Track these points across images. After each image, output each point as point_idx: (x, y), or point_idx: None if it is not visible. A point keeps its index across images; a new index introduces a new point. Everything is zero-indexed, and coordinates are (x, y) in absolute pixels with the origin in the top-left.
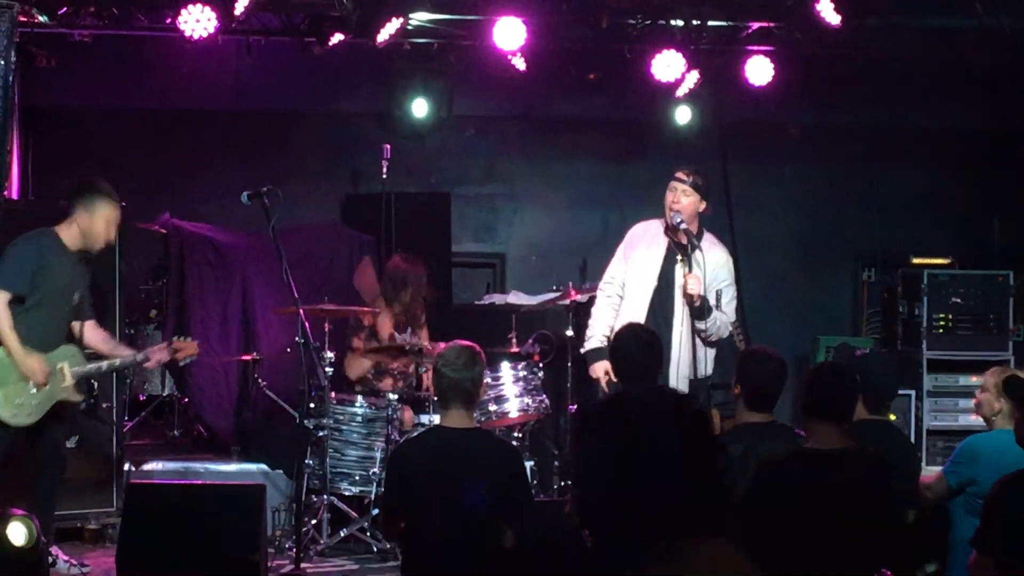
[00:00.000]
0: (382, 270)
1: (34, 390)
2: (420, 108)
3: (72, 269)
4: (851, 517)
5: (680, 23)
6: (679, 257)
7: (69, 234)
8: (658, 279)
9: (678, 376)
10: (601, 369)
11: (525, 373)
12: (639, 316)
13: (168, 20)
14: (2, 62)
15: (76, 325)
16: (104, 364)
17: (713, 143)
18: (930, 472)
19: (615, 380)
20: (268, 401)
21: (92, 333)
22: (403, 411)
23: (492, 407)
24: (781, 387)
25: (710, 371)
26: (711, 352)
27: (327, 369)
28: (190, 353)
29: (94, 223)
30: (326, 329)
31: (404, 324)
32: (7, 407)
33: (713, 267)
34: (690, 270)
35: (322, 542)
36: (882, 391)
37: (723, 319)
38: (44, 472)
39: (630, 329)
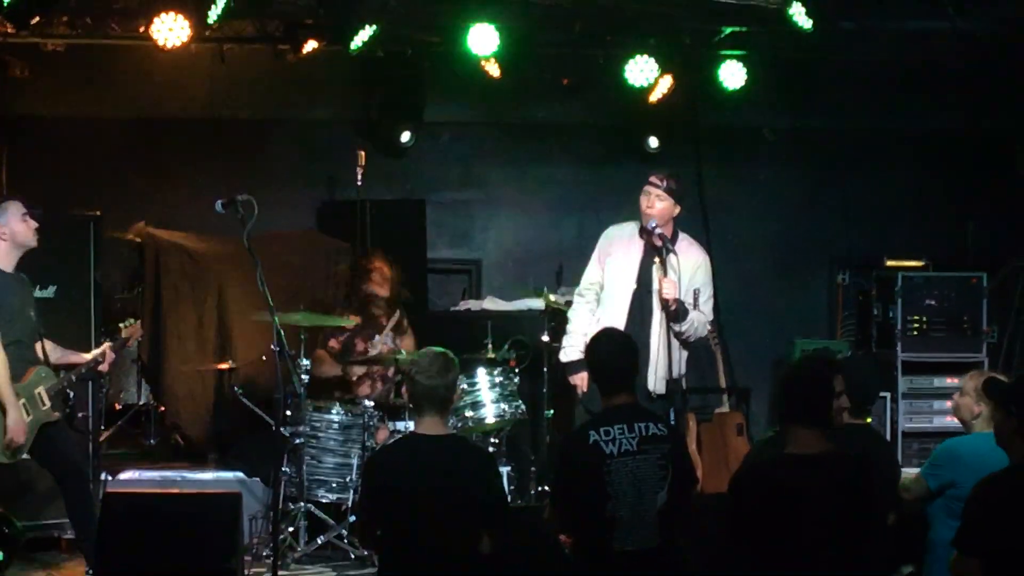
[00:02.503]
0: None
1: None
2: (394, 115)
3: (21, 291)
4: (835, 521)
5: (653, 28)
6: (655, 260)
7: (2, 257)
8: (637, 282)
9: (656, 377)
10: (579, 379)
11: (501, 379)
12: (619, 320)
13: (141, 29)
14: None
15: (39, 346)
16: (73, 375)
17: (688, 147)
18: (907, 474)
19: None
20: (244, 409)
21: (46, 348)
22: (379, 430)
23: (468, 413)
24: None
25: (683, 371)
26: (685, 353)
27: (303, 377)
28: (138, 335)
29: (13, 226)
30: (301, 337)
31: (383, 326)
32: None
33: (690, 269)
34: (665, 274)
35: (299, 549)
36: (865, 394)
37: (700, 319)
38: (67, 491)
39: (605, 333)
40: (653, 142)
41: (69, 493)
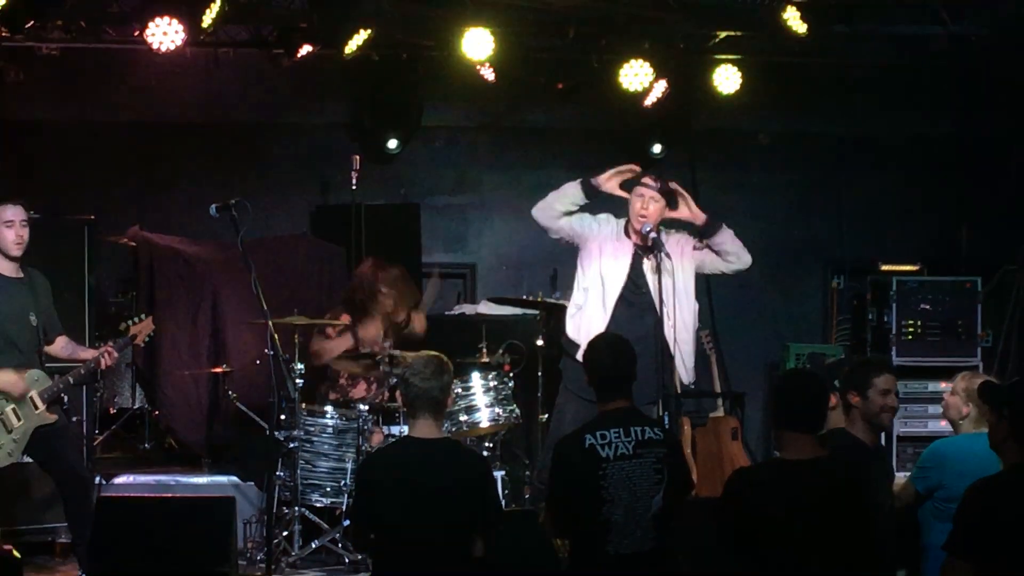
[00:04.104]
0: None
1: (10, 431)
2: (388, 120)
3: (17, 295)
4: (827, 527)
5: (647, 32)
6: (646, 261)
7: None
8: (624, 288)
9: (686, 368)
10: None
11: (495, 383)
12: (600, 323)
13: (136, 33)
14: None
15: (47, 348)
16: (70, 377)
17: (682, 151)
18: (898, 479)
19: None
20: (239, 413)
21: (55, 346)
22: (374, 434)
23: (463, 417)
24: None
25: (692, 378)
26: (690, 359)
27: (297, 381)
28: (149, 330)
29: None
30: (296, 341)
31: (385, 332)
32: None
33: (683, 257)
34: (660, 277)
35: (293, 554)
36: None
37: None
38: (67, 494)
39: (603, 338)
40: (656, 148)
41: (70, 499)
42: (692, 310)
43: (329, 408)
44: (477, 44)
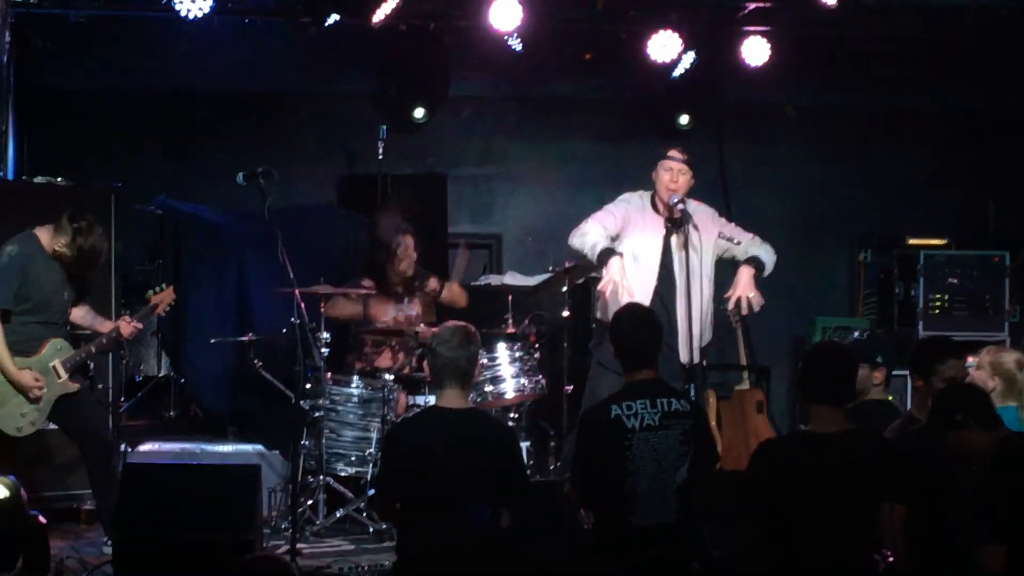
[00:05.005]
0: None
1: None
2: (415, 90)
3: (57, 271)
4: (852, 499)
5: (676, 3)
6: (675, 235)
7: (52, 240)
8: (660, 266)
9: (687, 349)
10: (617, 265)
11: (521, 354)
12: (646, 299)
13: (164, 1)
14: None
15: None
16: (92, 347)
17: (709, 123)
18: None
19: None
20: (264, 382)
21: (76, 312)
22: (398, 397)
23: (488, 388)
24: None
25: (710, 337)
26: (709, 331)
27: (323, 350)
28: (170, 299)
29: (81, 258)
30: (321, 310)
31: (401, 295)
32: (12, 422)
33: (709, 237)
34: (687, 252)
35: (318, 523)
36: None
37: (760, 250)
38: (90, 460)
39: (629, 309)
40: (684, 119)
41: (91, 462)
42: (709, 294)
43: (355, 377)
44: (505, 14)
